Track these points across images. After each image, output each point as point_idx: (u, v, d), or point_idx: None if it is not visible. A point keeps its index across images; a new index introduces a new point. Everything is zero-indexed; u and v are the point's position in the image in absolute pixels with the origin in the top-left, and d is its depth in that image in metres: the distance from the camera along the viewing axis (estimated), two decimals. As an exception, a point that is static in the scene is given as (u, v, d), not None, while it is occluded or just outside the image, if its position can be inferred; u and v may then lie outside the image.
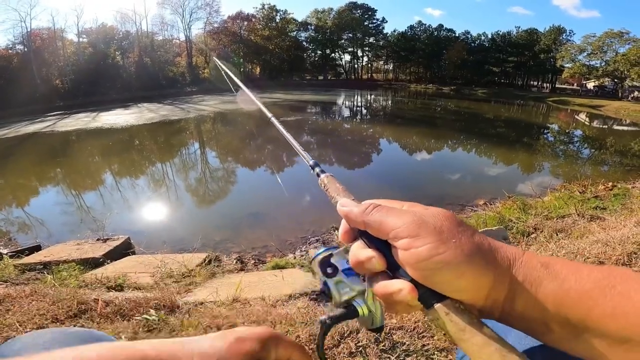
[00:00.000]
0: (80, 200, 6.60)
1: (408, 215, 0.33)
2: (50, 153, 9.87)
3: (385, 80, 59.00)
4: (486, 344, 0.28)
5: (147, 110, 17.07)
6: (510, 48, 50.24)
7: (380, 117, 20.62)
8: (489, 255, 0.31)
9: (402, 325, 1.51)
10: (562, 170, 8.77)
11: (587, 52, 39.73)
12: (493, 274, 0.31)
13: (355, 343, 1.40)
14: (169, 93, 28.57)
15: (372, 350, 1.36)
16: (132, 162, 9.26)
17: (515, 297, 0.31)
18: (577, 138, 15.55)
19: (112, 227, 4.48)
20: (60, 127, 13.21)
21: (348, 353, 1.34)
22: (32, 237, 4.67)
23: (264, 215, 5.33)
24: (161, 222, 5.54)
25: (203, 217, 5.82)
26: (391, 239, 0.33)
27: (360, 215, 0.35)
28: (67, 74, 28.25)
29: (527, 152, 10.97)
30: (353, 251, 0.35)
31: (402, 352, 1.34)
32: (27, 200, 6.74)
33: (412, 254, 0.31)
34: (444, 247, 0.30)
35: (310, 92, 29.39)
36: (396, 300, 0.32)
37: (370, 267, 0.34)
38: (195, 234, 4.27)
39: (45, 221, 5.41)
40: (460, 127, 16.94)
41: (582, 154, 11.59)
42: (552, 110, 28.25)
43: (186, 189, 7.31)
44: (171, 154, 10.13)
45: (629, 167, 8.60)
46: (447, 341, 1.39)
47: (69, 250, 3.32)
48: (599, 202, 4.30)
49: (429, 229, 0.31)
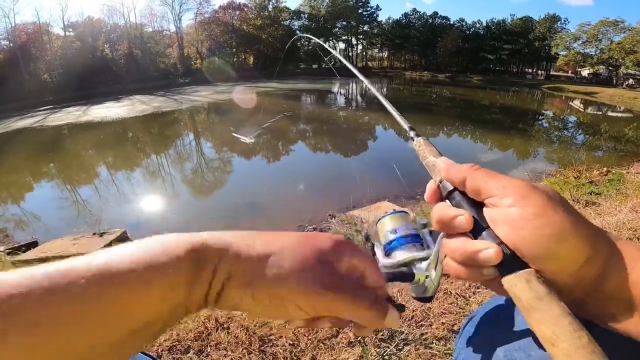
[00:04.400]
0: (75, 194, 6.55)
1: (517, 179, 0.33)
2: (42, 148, 9.74)
3: (380, 68, 58.53)
4: (562, 315, 0.28)
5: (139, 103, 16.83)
6: (505, 36, 50.12)
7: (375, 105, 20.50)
8: (592, 230, 0.31)
9: (400, 314, 1.51)
10: (556, 156, 8.83)
11: (582, 40, 40.18)
12: (591, 250, 0.30)
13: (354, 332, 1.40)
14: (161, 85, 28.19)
15: (370, 339, 1.36)
16: (126, 155, 9.18)
17: (607, 276, 0.30)
18: (571, 124, 15.62)
19: (109, 221, 4.45)
20: (50, 122, 13.02)
21: (347, 343, 1.35)
22: (29, 233, 4.64)
23: (260, 204, 5.31)
24: (157, 214, 5.52)
25: (199, 208, 5.79)
26: (493, 199, 0.32)
27: (465, 170, 0.34)
28: (56, 69, 27.71)
29: (522, 138, 11.02)
30: (438, 209, 0.35)
31: (401, 341, 1.34)
32: (21, 196, 6.69)
33: (516, 212, 0.30)
34: (553, 211, 0.30)
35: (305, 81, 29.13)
36: (476, 260, 0.31)
37: (456, 225, 0.33)
38: (192, 226, 4.23)
39: (41, 217, 5.37)
40: (456, 113, 16.95)
41: (577, 140, 11.67)
42: (546, 97, 28.31)
43: (182, 180, 7.26)
44: (165, 145, 10.03)
45: (623, 153, 8.68)
46: (445, 329, 1.40)
47: (65, 245, 3.29)
48: (594, 188, 4.34)
49: (539, 192, 0.31)
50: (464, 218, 0.32)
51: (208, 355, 1.20)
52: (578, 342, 0.26)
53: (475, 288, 1.70)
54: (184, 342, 1.26)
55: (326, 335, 1.38)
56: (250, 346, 1.25)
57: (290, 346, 1.29)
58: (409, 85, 35.12)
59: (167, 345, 1.23)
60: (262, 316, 0.33)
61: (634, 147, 9.43)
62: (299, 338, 1.35)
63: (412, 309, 1.54)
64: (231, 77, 33.51)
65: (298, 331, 1.40)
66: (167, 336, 1.27)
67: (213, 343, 1.26)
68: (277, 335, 1.35)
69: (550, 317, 0.28)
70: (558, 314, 0.28)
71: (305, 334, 1.39)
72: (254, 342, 1.27)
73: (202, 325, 1.34)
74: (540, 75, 51.63)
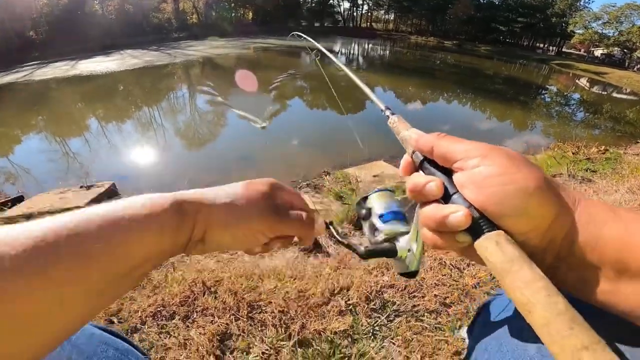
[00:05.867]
0: (65, 147, 6.36)
1: (480, 143, 0.33)
2: (29, 102, 9.39)
3: (384, 30, 56.28)
4: (535, 279, 0.26)
5: (130, 57, 16.06)
6: (522, 9, 47.84)
7: (378, 66, 19.89)
8: (557, 189, 0.31)
9: (394, 283, 1.49)
10: (553, 131, 8.79)
11: (603, 21, 39.43)
12: (559, 207, 0.30)
13: (346, 301, 1.37)
14: (154, 39, 26.73)
15: (362, 308, 1.34)
16: (116, 108, 8.83)
17: (575, 237, 0.30)
18: (573, 101, 15.37)
19: (98, 173, 4.36)
20: (37, 77, 12.49)
21: (338, 311, 1.32)
22: (19, 187, 4.52)
23: (253, 158, 5.20)
24: (148, 167, 5.38)
25: (191, 160, 5.67)
26: (459, 162, 0.33)
27: (431, 139, 0.35)
28: (42, 25, 26.14)
29: (522, 110, 10.87)
30: (411, 179, 0.36)
31: (393, 312, 1.32)
32: (10, 149, 6.49)
33: (481, 172, 0.31)
34: (518, 170, 0.30)
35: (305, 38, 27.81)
36: (447, 225, 0.31)
37: (428, 192, 0.34)
38: (182, 178, 4.15)
39: (30, 170, 5.23)
40: (458, 80, 16.53)
41: (576, 117, 11.56)
42: (553, 73, 27.67)
43: (175, 133, 7.03)
44: (157, 98, 9.66)
45: (620, 133, 8.67)
46: (437, 302, 1.38)
47: (51, 199, 3.17)
48: (590, 165, 4.30)
49: (502, 152, 0.32)
50: (434, 184, 0.33)
51: (194, 321, 1.16)
52: (555, 307, 0.25)
53: (470, 260, 1.68)
54: (169, 307, 1.21)
55: (316, 302, 1.36)
56: (238, 312, 1.21)
57: (280, 313, 1.26)
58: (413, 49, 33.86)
59: (152, 312, 1.18)
60: (236, 248, 0.41)
61: (633, 129, 9.39)
62: (289, 305, 1.32)
63: (405, 279, 1.52)
64: (229, 32, 31.88)
65: (288, 297, 1.37)
66: (152, 301, 1.22)
67: (199, 308, 1.21)
68: (266, 301, 1.32)
69: (522, 282, 0.26)
70: (530, 277, 0.27)
71: (295, 300, 1.36)
72: (242, 308, 1.23)
73: (189, 289, 1.29)
74: (552, 51, 50.35)
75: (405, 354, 1.14)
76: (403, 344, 1.18)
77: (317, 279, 1.52)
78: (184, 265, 1.57)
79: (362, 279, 1.50)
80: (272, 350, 1.09)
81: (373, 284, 1.46)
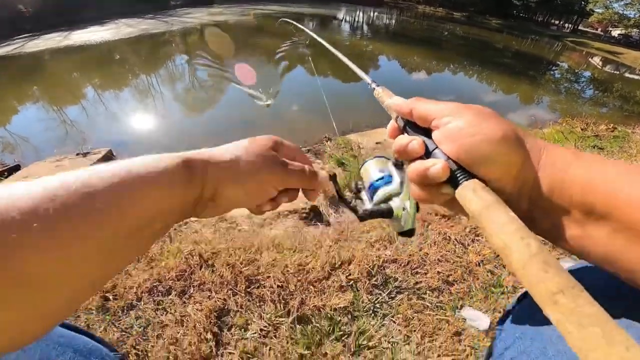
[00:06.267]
0: (62, 115, 6.24)
1: (451, 103, 0.36)
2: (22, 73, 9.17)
3: (391, -2, 53.94)
4: (509, 221, 0.27)
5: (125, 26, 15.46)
6: None
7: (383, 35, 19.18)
8: (523, 138, 0.33)
9: (396, 258, 1.45)
10: (559, 107, 8.64)
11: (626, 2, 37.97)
12: (525, 153, 0.33)
13: (347, 276, 1.34)
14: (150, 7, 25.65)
15: (363, 284, 1.31)
16: (112, 76, 8.57)
17: (543, 180, 0.32)
18: (584, 79, 14.95)
19: (96, 141, 4.29)
20: (29, 49, 12.13)
21: (338, 286, 1.29)
22: (18, 156, 4.48)
23: (253, 123, 5.09)
24: (146, 133, 5.29)
25: (190, 126, 5.55)
26: (434, 121, 0.35)
27: (409, 103, 0.38)
28: None
29: (530, 85, 10.57)
30: (397, 140, 0.38)
31: (394, 288, 1.29)
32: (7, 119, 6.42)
33: (453, 127, 0.34)
34: (485, 123, 0.33)
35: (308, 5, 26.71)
36: (429, 177, 0.34)
37: (411, 150, 0.36)
38: (181, 143, 4.09)
39: (29, 138, 5.17)
40: (466, 52, 16.01)
41: (585, 94, 11.29)
42: (566, 50, 26.74)
43: (173, 99, 6.88)
44: (155, 67, 9.39)
45: (628, 113, 8.52)
46: (440, 280, 1.35)
47: (48, 168, 3.11)
48: (598, 142, 4.21)
49: (472, 109, 0.35)
50: (415, 142, 0.36)
51: (191, 296, 1.13)
52: (527, 250, 0.25)
53: (475, 235, 1.64)
54: (165, 282, 1.17)
55: (317, 277, 1.33)
56: (236, 287, 1.18)
57: (279, 288, 1.23)
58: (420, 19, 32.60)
59: (147, 287, 1.14)
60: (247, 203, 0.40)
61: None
62: (288, 279, 1.29)
63: (408, 254, 1.48)
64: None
65: (287, 271, 1.34)
66: (147, 276, 1.18)
67: (196, 283, 1.18)
68: (265, 276, 1.29)
69: (497, 225, 0.28)
70: (505, 220, 0.28)
71: (294, 274, 1.33)
72: (240, 283, 1.20)
73: (185, 262, 1.25)
74: (567, 28, 48.46)
75: (405, 332, 1.12)
76: (403, 322, 1.15)
77: (318, 251, 1.48)
78: (180, 236, 1.52)
79: (364, 252, 1.46)
80: (270, 327, 1.06)
81: (375, 258, 1.43)
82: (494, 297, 1.26)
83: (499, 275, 1.36)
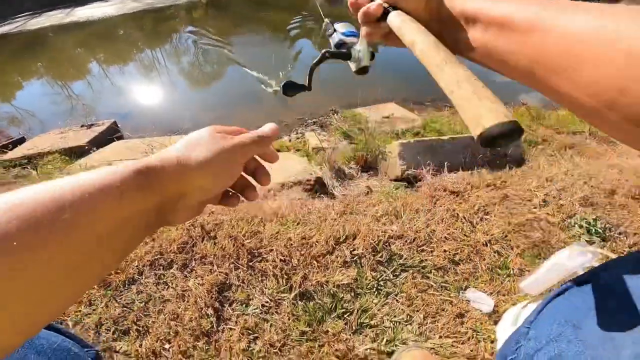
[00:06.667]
0: (67, 90, 6.25)
1: None
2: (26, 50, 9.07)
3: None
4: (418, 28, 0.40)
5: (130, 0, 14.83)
6: None
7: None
8: None
9: (402, 234, 1.42)
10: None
11: None
12: None
13: (351, 251, 1.32)
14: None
15: (367, 260, 1.29)
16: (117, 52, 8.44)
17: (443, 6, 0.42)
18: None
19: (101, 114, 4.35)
20: (31, 26, 11.79)
21: (342, 262, 1.27)
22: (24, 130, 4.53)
23: (259, 96, 4.97)
24: (150, 105, 5.27)
25: (195, 97, 5.50)
26: None
27: None
28: None
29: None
30: None
31: (399, 266, 1.27)
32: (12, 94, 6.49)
33: None
34: None
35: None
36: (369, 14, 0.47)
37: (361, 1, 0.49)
38: (184, 115, 4.06)
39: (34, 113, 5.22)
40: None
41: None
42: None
43: (178, 72, 6.81)
44: (160, 41, 9.13)
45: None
46: (446, 259, 1.32)
47: (52, 140, 3.09)
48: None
49: None
50: None
51: (192, 270, 1.11)
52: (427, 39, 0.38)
53: (484, 214, 1.59)
54: (166, 255, 1.15)
55: (320, 251, 1.31)
56: (238, 260, 1.16)
57: (282, 262, 1.21)
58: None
59: (149, 260, 1.12)
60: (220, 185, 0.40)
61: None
62: (291, 253, 1.27)
63: (415, 230, 1.45)
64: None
65: (290, 245, 1.32)
66: (149, 248, 1.16)
67: (198, 256, 1.15)
68: (268, 249, 1.27)
69: (409, 30, 0.40)
70: (415, 27, 0.41)
71: (298, 248, 1.31)
72: (242, 256, 1.17)
73: (187, 233, 1.22)
74: None
75: (408, 312, 1.11)
76: (407, 301, 1.14)
77: (322, 224, 1.45)
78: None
79: (369, 227, 1.43)
80: (272, 303, 1.05)
81: (381, 233, 1.39)
82: (499, 280, 1.23)
83: (505, 257, 1.34)
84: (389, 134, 2.99)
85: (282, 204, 1.61)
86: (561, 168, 2.06)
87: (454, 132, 2.98)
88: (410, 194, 1.75)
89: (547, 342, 0.40)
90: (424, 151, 2.06)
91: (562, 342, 0.38)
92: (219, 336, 0.96)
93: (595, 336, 0.35)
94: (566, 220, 1.52)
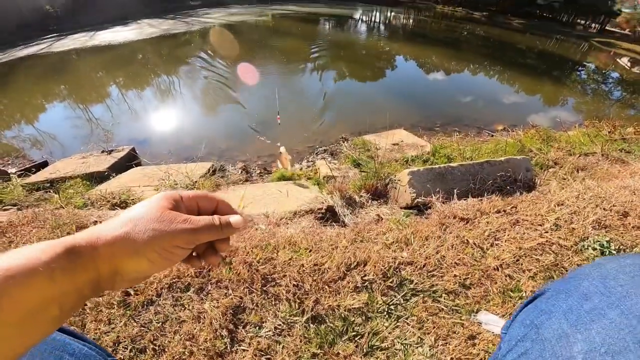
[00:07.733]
0: (88, 113, 6.52)
1: None
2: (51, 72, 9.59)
3: (409, -3, 53.34)
4: None
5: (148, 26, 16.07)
6: None
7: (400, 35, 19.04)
8: None
9: (413, 260, 1.44)
10: (586, 108, 8.39)
11: None
12: None
13: (362, 277, 1.34)
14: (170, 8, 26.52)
15: (378, 285, 1.30)
16: (135, 76, 8.91)
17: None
18: (611, 80, 14.35)
19: (120, 139, 4.52)
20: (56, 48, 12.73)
21: (353, 287, 1.29)
22: (46, 153, 4.67)
23: (272, 124, 5.16)
24: (167, 132, 5.49)
25: (210, 125, 5.71)
26: None
27: None
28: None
29: (553, 86, 10.27)
30: None
31: (409, 290, 1.28)
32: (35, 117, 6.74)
33: None
34: None
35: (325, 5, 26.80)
36: None
37: None
38: (199, 143, 4.22)
39: (56, 135, 5.43)
40: (486, 53, 15.62)
41: (612, 96, 10.85)
42: (592, 50, 25.69)
43: (193, 99, 7.08)
44: (176, 65, 9.66)
45: (655, 117, 8.14)
46: (457, 283, 1.32)
47: (74, 165, 3.25)
48: (625, 145, 4.05)
49: None
50: None
51: (209, 293, 1.15)
52: None
53: (494, 240, 1.60)
54: (184, 278, 1.20)
55: (332, 277, 1.33)
56: (252, 285, 1.20)
57: (294, 287, 1.24)
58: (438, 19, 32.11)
59: (167, 283, 1.18)
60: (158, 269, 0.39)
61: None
62: (304, 279, 1.30)
63: (425, 256, 1.46)
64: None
65: (303, 271, 1.35)
66: (167, 272, 1.22)
67: (214, 280, 1.20)
68: (281, 274, 1.30)
69: None
70: None
71: (310, 274, 1.34)
72: (256, 281, 1.21)
73: (204, 259, 1.28)
74: (593, 28, 46.77)
75: (419, 335, 1.11)
76: (417, 324, 1.14)
77: (333, 252, 1.48)
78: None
79: (380, 254, 1.46)
80: (284, 325, 1.07)
81: (391, 259, 1.42)
82: (512, 302, 1.23)
83: (517, 280, 1.33)
84: (398, 161, 3.05)
85: (295, 232, 1.66)
86: (572, 192, 2.06)
87: (463, 157, 3.03)
88: (420, 222, 1.78)
89: (515, 343, 0.45)
90: (433, 179, 2.10)
91: (527, 341, 0.43)
92: (233, 357, 0.98)
93: (552, 334, 0.40)
94: (579, 244, 1.51)
